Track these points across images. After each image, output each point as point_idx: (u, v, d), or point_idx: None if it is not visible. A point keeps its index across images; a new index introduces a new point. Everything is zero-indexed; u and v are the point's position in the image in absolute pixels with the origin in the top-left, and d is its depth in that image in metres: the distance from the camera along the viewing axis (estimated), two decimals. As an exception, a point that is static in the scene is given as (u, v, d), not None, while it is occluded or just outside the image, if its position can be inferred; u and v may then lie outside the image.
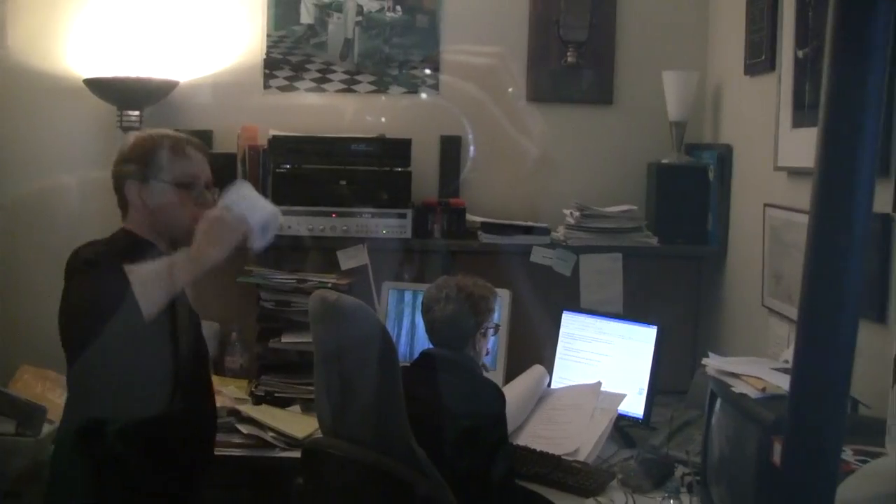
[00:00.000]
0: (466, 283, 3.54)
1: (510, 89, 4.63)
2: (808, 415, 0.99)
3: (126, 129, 4.32)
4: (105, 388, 2.93)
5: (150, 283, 2.79)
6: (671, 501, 2.94)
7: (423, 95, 4.70)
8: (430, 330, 3.55)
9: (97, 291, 2.81)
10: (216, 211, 2.93)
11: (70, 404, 3.18)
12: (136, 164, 3.10)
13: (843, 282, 0.95)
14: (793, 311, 3.55)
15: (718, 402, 2.92)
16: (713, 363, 3.00)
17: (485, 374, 3.62)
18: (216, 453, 3.43)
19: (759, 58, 3.95)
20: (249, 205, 2.93)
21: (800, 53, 3.52)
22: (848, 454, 2.40)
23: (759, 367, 2.89)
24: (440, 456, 3.03)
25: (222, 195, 2.96)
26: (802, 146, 3.48)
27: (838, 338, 0.96)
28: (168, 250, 3.10)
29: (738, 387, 2.79)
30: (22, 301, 4.55)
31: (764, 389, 2.70)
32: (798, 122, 3.54)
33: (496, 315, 3.66)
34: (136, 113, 4.38)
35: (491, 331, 3.60)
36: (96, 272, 2.89)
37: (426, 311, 3.55)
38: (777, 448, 2.36)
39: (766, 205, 3.84)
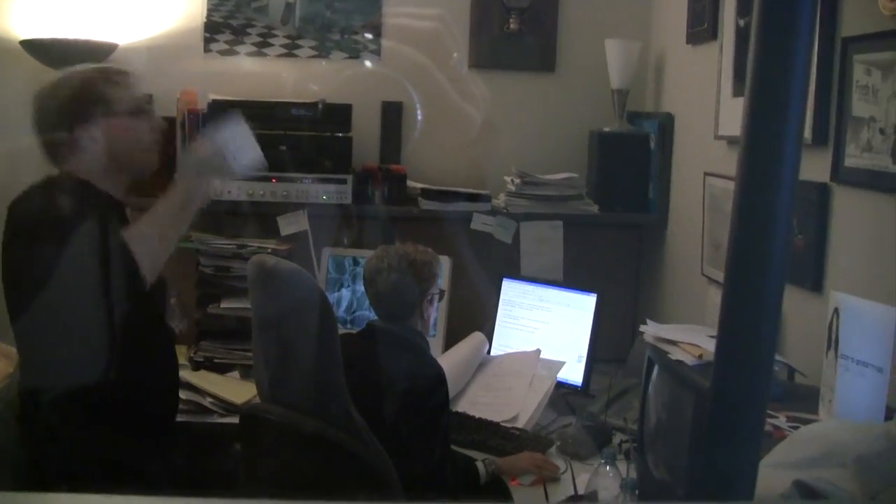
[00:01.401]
0: (408, 251, 3.46)
1: (454, 54, 4.61)
2: (734, 375, 1.00)
3: (64, 92, 4.28)
4: (53, 353, 2.89)
5: (151, 244, 2.78)
6: (607, 468, 2.94)
7: (365, 61, 4.67)
8: (375, 302, 3.47)
9: (49, 254, 2.75)
10: (202, 144, 2.94)
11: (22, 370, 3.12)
12: (84, 103, 2.98)
13: (768, 245, 0.95)
14: (731, 280, 3.57)
15: (655, 368, 2.93)
16: (651, 330, 3.01)
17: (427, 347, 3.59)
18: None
19: (702, 26, 3.96)
20: (230, 135, 2.96)
21: (741, 22, 3.53)
22: (781, 421, 2.42)
23: (696, 335, 2.91)
24: (379, 429, 3.01)
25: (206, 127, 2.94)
26: (742, 115, 3.50)
27: (764, 300, 0.97)
28: (121, 192, 3.07)
29: (675, 354, 2.80)
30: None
31: (701, 356, 2.71)
32: (739, 92, 3.55)
33: (440, 280, 3.62)
34: (74, 76, 4.32)
35: (436, 296, 3.56)
36: (48, 229, 2.81)
37: (369, 284, 3.46)
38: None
39: (706, 173, 3.86)
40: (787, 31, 0.93)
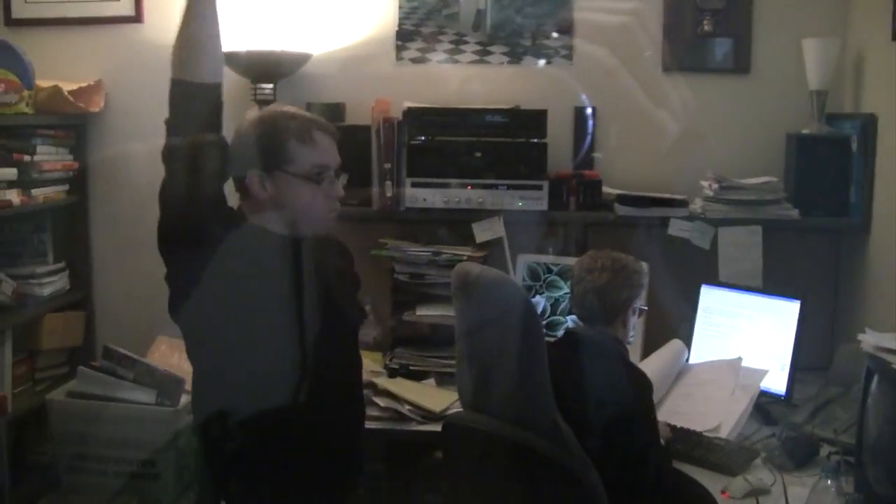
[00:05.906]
0: (621, 256, 3.41)
1: (648, 53, 4.55)
2: None
3: (260, 103, 4.34)
4: (226, 369, 2.92)
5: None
6: (828, 481, 2.85)
7: (557, 66, 4.64)
8: (580, 302, 3.40)
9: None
10: None
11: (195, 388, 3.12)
12: (257, 151, 2.87)
13: None
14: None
15: (875, 379, 2.83)
16: (870, 339, 2.90)
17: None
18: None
19: (908, 22, 3.83)
20: None
21: (955, 17, 3.40)
22: None
23: (919, 344, 2.80)
24: (585, 438, 2.96)
25: None
26: (957, 115, 3.37)
27: None
28: (290, 237, 2.97)
29: (898, 364, 2.70)
30: (156, 273, 4.59)
31: (927, 367, 2.61)
32: (952, 90, 3.42)
33: (644, 295, 3.54)
34: (270, 86, 4.39)
35: (639, 310, 3.47)
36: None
37: (577, 282, 3.40)
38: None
39: (914, 176, 3.73)
40: None
